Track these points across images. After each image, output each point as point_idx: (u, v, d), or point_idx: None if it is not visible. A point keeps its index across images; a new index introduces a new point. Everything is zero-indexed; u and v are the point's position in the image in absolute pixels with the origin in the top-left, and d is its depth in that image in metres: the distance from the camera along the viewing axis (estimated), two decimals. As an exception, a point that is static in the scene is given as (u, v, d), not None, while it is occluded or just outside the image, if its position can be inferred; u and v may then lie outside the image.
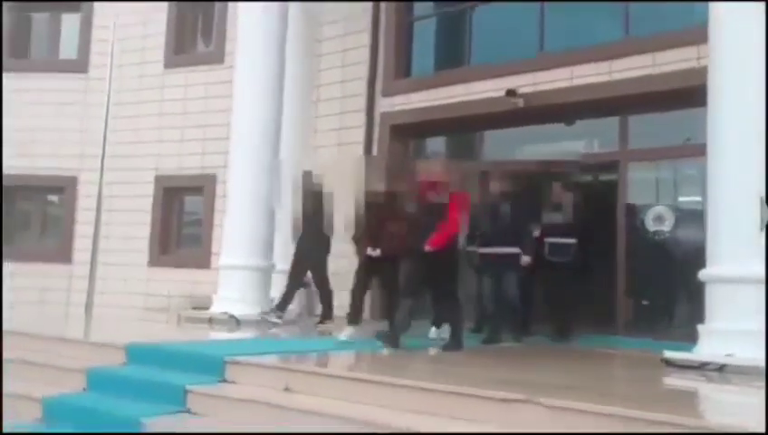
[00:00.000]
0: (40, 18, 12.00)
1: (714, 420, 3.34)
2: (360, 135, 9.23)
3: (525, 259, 6.36)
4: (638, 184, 7.71)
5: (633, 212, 7.68)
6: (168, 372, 4.56)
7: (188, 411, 4.15)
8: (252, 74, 7.89)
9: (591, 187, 8.13)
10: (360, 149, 9.11)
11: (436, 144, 9.48)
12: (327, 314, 7.13)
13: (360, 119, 9.20)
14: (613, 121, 7.78)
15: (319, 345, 5.73)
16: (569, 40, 7.96)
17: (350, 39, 9.39)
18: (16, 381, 4.78)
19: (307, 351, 5.33)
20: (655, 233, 7.51)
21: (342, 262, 7.11)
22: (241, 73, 8.02)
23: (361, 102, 9.25)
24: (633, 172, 7.67)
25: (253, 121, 7.71)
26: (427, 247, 5.46)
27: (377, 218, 5.95)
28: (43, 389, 4.63)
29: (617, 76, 7.41)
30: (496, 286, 6.38)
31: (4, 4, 11.48)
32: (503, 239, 6.35)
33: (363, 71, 9.29)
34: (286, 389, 4.17)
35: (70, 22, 11.81)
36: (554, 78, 7.84)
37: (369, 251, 5.92)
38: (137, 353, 4.97)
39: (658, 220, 7.51)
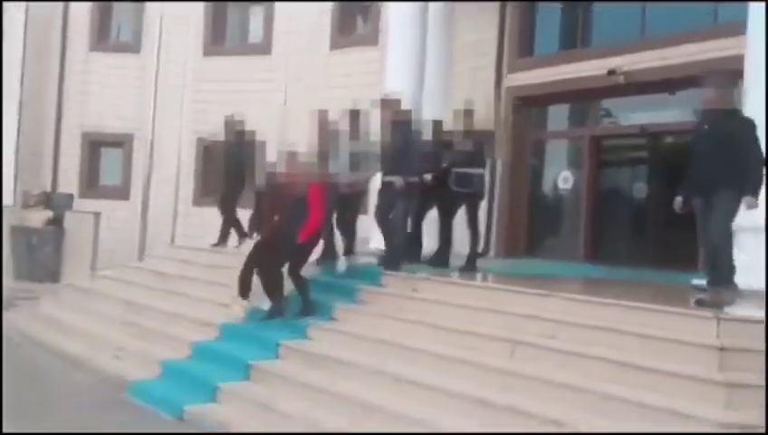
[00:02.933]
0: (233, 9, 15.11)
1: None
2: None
3: (398, 182, 7.14)
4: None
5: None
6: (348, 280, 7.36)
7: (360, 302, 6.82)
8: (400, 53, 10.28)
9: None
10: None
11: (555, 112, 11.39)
12: None
13: (489, 92, 11.24)
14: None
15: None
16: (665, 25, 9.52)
17: (481, 21, 11.36)
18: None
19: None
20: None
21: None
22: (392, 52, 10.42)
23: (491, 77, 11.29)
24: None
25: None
26: (299, 240, 6.76)
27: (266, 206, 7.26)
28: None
29: (699, 57, 8.90)
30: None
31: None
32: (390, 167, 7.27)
33: (492, 50, 11.29)
34: (414, 290, 6.65)
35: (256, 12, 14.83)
36: (650, 58, 9.45)
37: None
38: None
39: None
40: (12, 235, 12.96)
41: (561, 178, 10.94)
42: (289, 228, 6.84)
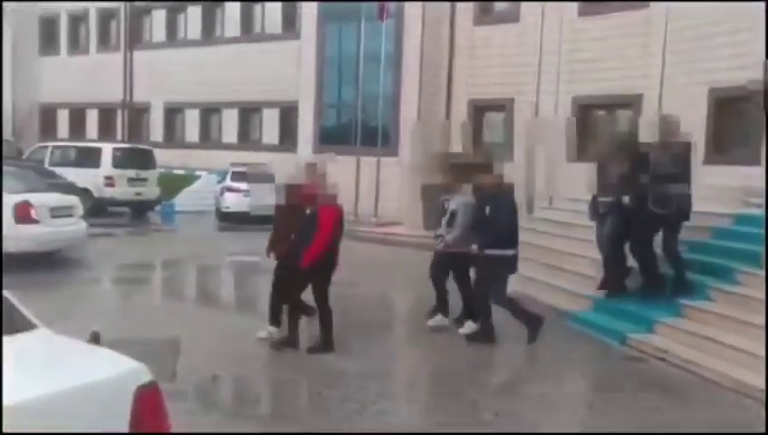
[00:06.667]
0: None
1: None
2: None
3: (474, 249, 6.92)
4: None
5: None
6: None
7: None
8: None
9: None
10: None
11: None
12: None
13: None
14: None
15: None
16: None
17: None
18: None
19: None
20: None
21: None
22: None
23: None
24: None
25: None
26: (302, 265, 6.21)
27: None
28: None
29: None
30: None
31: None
32: None
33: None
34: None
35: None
36: None
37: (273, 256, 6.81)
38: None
39: None
40: (422, 192, 15.66)
41: None
42: (299, 251, 6.35)
